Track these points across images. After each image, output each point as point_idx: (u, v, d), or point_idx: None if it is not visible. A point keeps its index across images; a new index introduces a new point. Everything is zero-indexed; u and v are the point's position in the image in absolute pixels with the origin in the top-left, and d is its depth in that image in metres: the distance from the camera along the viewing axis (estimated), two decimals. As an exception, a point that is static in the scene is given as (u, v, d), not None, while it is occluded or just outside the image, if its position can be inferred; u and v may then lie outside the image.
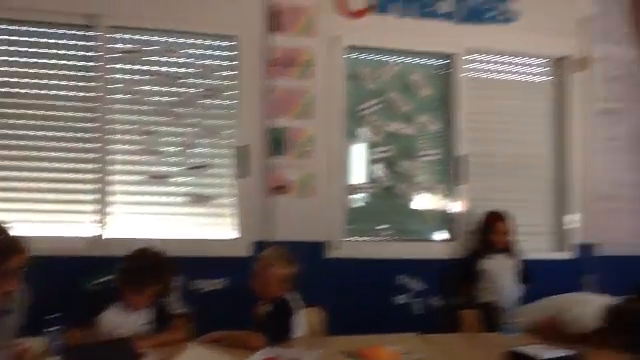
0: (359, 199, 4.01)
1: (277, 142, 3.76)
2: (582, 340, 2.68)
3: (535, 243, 4.18)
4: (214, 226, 3.74)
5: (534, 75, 4.35)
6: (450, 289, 3.81)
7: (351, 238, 3.92)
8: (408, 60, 4.08)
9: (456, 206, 4.08)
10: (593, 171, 4.31)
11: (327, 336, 3.04)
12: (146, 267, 2.70)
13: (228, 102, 3.77)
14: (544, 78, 4.36)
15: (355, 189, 3.98)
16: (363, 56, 4.01)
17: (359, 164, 4.00)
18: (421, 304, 3.95)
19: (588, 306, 2.76)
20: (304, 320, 2.88)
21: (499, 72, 4.27)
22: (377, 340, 2.67)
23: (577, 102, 4.30)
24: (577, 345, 2.62)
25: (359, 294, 3.77)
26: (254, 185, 3.74)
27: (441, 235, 4.11)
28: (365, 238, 3.98)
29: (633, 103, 4.42)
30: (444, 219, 4.12)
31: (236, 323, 2.65)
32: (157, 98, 3.67)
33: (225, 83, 3.77)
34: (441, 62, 4.13)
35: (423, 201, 4.10)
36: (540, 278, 3.70)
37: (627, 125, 4.41)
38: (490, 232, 3.75)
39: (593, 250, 4.25)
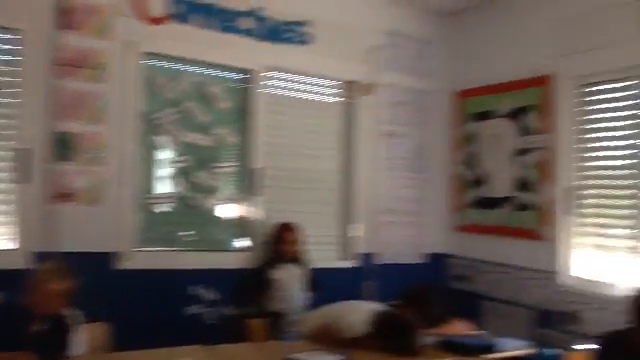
0: (154, 208, 3.92)
1: (63, 147, 3.53)
2: (354, 345, 2.92)
3: (323, 252, 4.46)
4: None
5: (327, 95, 4.65)
6: (241, 298, 3.89)
7: (145, 248, 3.82)
8: (207, 72, 4.11)
9: (252, 217, 4.20)
10: (375, 187, 4.72)
11: (112, 352, 2.93)
12: None
13: (9, 100, 3.46)
14: (336, 99, 4.68)
15: (149, 198, 3.90)
16: (161, 64, 3.95)
17: (153, 173, 3.92)
18: (214, 314, 3.98)
19: (359, 313, 3.03)
20: (85, 336, 2.75)
21: (295, 90, 4.49)
22: (164, 353, 2.65)
23: (364, 123, 4.69)
24: (349, 349, 2.85)
25: (151, 306, 3.69)
26: (36, 192, 3.46)
27: (241, 244, 4.19)
28: (160, 248, 3.91)
29: (413, 127, 4.94)
30: (242, 229, 4.21)
31: (11, 342, 2.44)
32: None
33: (6, 79, 3.45)
34: (240, 76, 4.23)
35: (220, 211, 4.14)
36: (326, 285, 3.94)
37: (406, 146, 4.91)
38: (280, 242, 3.91)
39: (373, 259, 4.66)
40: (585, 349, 2.96)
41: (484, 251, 4.66)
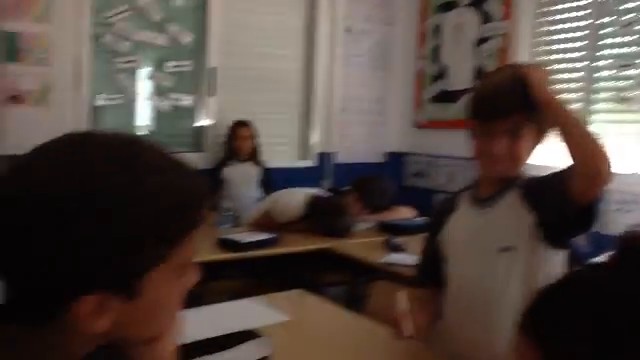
0: (105, 110, 3.93)
1: (10, 47, 3.51)
2: (288, 227, 3.01)
3: (281, 152, 4.48)
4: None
5: (286, -10, 4.51)
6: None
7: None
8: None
9: (206, 117, 4.20)
10: (334, 86, 4.67)
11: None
12: None
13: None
14: (295, -6, 4.54)
15: (100, 99, 3.89)
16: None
17: (104, 73, 3.89)
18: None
19: (294, 197, 3.09)
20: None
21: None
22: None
23: (324, 20, 4.58)
24: (282, 232, 2.94)
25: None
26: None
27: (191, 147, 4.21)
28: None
29: (375, 23, 4.82)
30: (195, 130, 4.23)
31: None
32: None
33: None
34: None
35: (175, 113, 4.14)
36: (284, 184, 3.98)
37: (368, 43, 4.81)
38: (233, 139, 3.93)
39: (331, 158, 4.68)
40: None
41: (441, 146, 4.65)
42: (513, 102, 1.43)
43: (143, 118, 4.03)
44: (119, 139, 0.70)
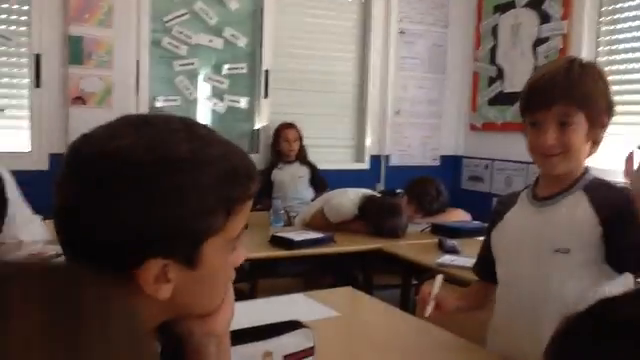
0: (163, 110, 4.03)
1: (75, 51, 3.66)
2: (341, 227, 3.00)
3: (335, 154, 4.49)
4: (7, 138, 3.62)
5: (340, -7, 4.52)
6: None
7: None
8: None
9: (260, 119, 4.25)
10: (389, 89, 4.64)
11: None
12: None
13: (24, 7, 3.58)
14: (350, -2, 4.56)
15: (158, 100, 4.00)
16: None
17: (163, 75, 4.00)
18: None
19: (347, 196, 3.08)
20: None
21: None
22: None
23: (378, 23, 4.56)
24: (335, 232, 2.94)
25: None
26: (50, 95, 3.64)
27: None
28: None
29: (430, 25, 4.77)
30: (250, 132, 4.28)
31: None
32: None
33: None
34: (250, -25, 4.17)
35: (230, 114, 4.21)
36: (338, 186, 3.97)
37: (423, 46, 4.77)
38: (280, 141, 3.96)
39: (385, 161, 4.65)
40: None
41: (499, 150, 4.55)
42: (560, 90, 1.40)
43: (200, 119, 4.09)
44: (176, 118, 0.76)
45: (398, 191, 3.42)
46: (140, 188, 0.68)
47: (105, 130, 0.73)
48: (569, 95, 1.39)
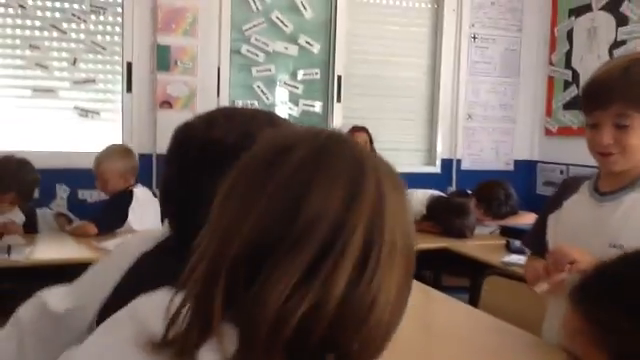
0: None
1: (163, 58, 3.94)
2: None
3: (406, 158, 4.57)
4: (101, 139, 3.93)
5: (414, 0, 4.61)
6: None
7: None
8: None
9: (332, 123, 4.40)
10: (461, 93, 4.68)
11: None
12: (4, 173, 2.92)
13: (117, 19, 3.90)
14: (422, 4, 4.63)
15: (238, 105, 4.23)
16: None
17: (242, 81, 4.22)
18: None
19: (415, 197, 3.16)
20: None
21: (379, -4, 4.51)
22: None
23: (449, 28, 4.62)
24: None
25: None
26: (140, 100, 3.94)
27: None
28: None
29: (502, 30, 4.78)
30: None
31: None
32: (44, 13, 3.76)
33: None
34: (324, -16, 4.33)
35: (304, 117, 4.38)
36: (409, 189, 4.07)
37: (496, 50, 4.77)
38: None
39: (457, 165, 4.68)
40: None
41: (574, 155, 4.46)
42: (615, 91, 1.43)
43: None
44: (258, 109, 0.93)
45: (469, 192, 3.46)
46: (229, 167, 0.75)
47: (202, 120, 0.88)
48: (625, 96, 1.43)
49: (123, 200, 3.03)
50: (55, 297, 0.99)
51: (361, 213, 0.62)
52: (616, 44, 4.14)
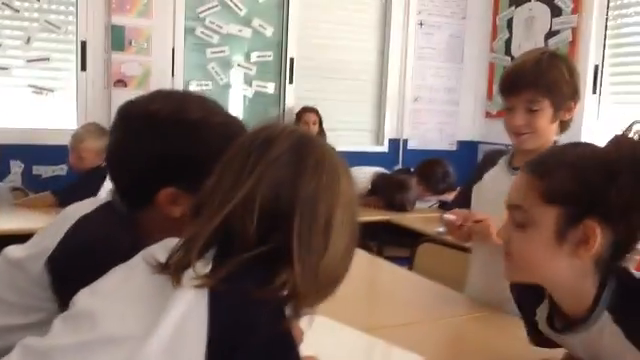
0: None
1: (117, 38, 4.01)
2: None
3: (355, 137, 4.78)
4: (55, 116, 4.00)
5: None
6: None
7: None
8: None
9: (285, 104, 4.56)
10: (407, 77, 4.91)
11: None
12: None
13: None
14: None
15: (192, 85, 4.33)
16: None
17: (196, 62, 4.33)
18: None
19: (359, 174, 3.37)
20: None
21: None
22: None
23: (398, 14, 4.82)
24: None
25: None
26: (95, 78, 4.01)
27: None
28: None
29: (448, 17, 5.01)
30: (277, 115, 4.59)
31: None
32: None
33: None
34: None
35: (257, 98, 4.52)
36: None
37: (441, 36, 5.01)
38: (300, 124, 4.25)
39: (404, 145, 4.93)
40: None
41: (511, 135, 4.76)
42: (527, 79, 1.66)
43: (230, 103, 4.44)
44: (191, 92, 1.22)
45: (411, 170, 3.69)
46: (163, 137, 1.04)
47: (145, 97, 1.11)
48: (536, 83, 1.66)
49: (97, 175, 3.11)
50: (13, 250, 1.11)
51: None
52: (550, 33, 4.43)
